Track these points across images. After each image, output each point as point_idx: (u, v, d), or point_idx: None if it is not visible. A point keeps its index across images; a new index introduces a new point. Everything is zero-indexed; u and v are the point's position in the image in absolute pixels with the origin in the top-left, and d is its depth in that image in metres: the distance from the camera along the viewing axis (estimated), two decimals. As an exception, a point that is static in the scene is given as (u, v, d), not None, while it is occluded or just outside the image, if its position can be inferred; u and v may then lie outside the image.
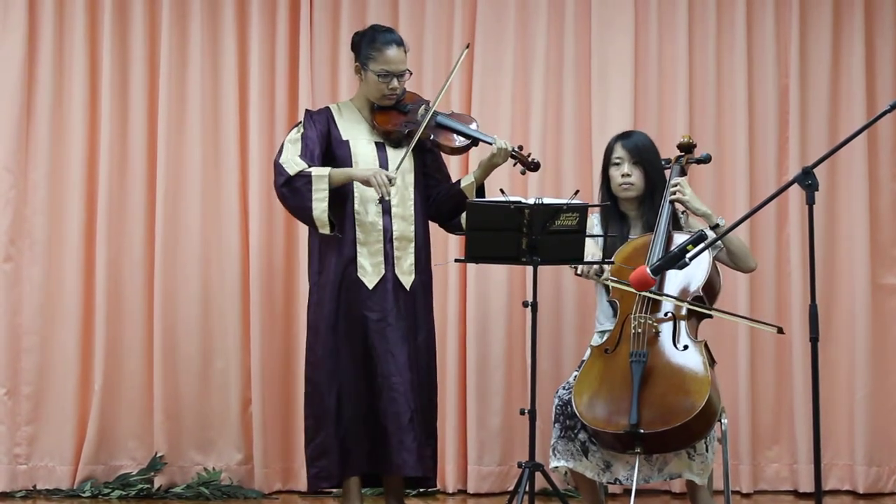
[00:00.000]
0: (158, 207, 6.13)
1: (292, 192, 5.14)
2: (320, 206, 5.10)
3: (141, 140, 6.18)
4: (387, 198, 5.05)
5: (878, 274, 6.28)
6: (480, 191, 5.38)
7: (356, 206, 5.21)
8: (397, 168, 5.16)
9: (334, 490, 5.59)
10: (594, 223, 5.26)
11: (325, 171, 5.12)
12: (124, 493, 6.04)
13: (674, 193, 5.13)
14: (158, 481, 6.09)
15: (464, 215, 5.31)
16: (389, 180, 5.03)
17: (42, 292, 6.10)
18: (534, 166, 5.30)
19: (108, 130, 6.12)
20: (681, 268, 4.24)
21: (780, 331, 4.90)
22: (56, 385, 6.10)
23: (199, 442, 6.16)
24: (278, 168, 5.20)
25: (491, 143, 5.27)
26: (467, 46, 5.46)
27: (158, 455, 6.09)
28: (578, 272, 5.04)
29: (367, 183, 5.09)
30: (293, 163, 5.17)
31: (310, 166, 5.14)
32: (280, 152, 5.24)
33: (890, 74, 6.34)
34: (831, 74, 6.33)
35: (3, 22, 6.11)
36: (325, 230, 5.15)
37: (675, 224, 5.17)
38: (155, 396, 6.10)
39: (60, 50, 6.16)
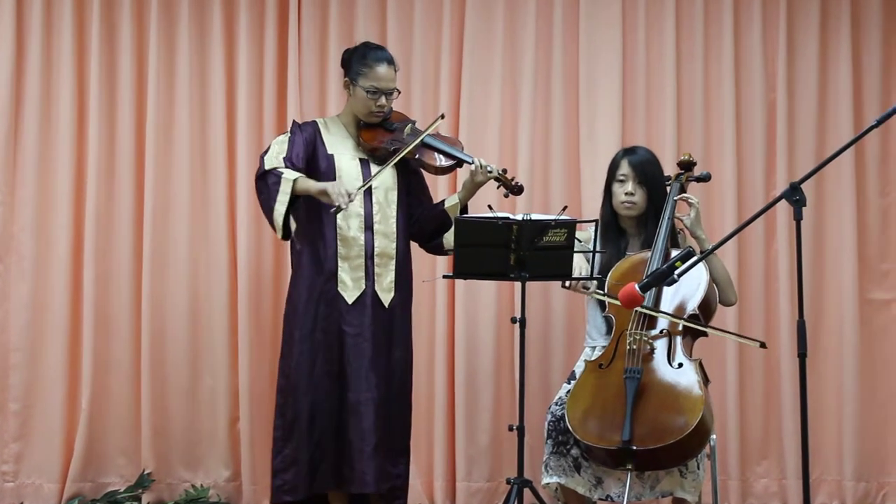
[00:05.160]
0: (146, 225, 6.12)
1: (263, 187, 5.18)
2: (280, 208, 5.11)
3: (129, 157, 6.17)
4: (343, 208, 4.98)
5: (866, 289, 6.30)
6: (464, 211, 5.38)
7: (338, 220, 5.21)
8: (362, 186, 5.14)
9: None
10: (590, 235, 5.25)
11: (294, 175, 5.13)
12: (112, 510, 6.04)
13: (690, 205, 5.16)
14: (146, 498, 6.07)
15: (445, 236, 5.34)
16: (349, 194, 5.01)
17: (30, 309, 6.08)
18: (517, 190, 5.30)
19: (96, 147, 6.12)
20: (669, 284, 4.22)
21: (763, 345, 4.92)
22: (43, 402, 6.08)
23: (187, 459, 6.14)
24: (260, 160, 5.25)
25: (471, 163, 5.27)
26: (441, 116, 5.44)
27: (146, 472, 6.07)
28: (566, 284, 5.05)
29: (324, 194, 5.05)
30: (273, 159, 5.21)
31: (287, 167, 5.17)
32: (267, 149, 5.28)
33: (877, 89, 6.35)
34: (818, 89, 6.34)
35: (-10, 39, 6.12)
36: (279, 234, 5.20)
37: (674, 242, 5.18)
38: (143, 413, 6.08)
39: (48, 67, 6.15)
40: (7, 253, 6.10)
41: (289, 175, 5.12)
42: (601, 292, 5.03)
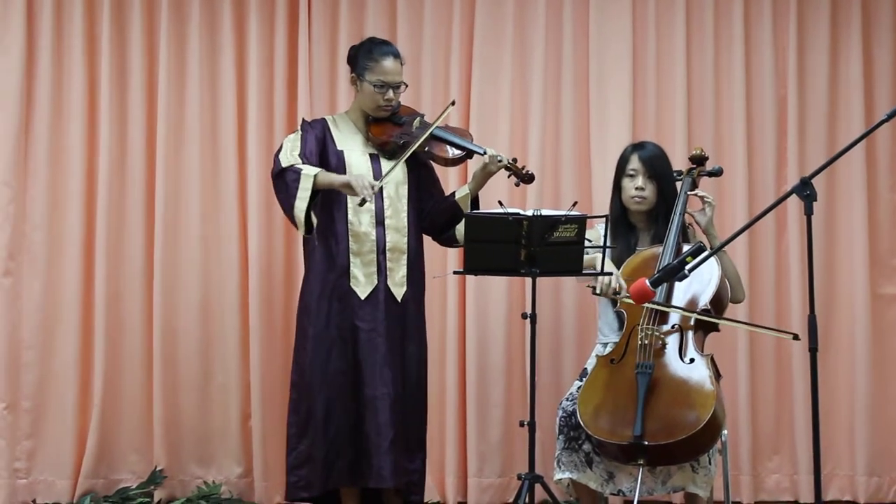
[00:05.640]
0: (157, 222, 6.12)
1: (282, 184, 5.18)
2: (301, 204, 5.11)
3: (139, 154, 6.18)
4: (368, 200, 5.01)
5: (877, 283, 6.28)
6: (475, 202, 5.39)
7: (350, 216, 5.22)
8: (383, 178, 5.16)
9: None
10: (599, 234, 5.24)
11: (314, 171, 5.13)
12: (124, 506, 6.06)
13: (706, 204, 5.15)
14: (158, 495, 6.08)
15: (457, 228, 5.34)
16: (372, 186, 5.02)
17: (42, 307, 6.09)
18: (528, 178, 5.30)
19: (107, 146, 6.12)
20: (680, 280, 4.22)
21: (796, 337, 4.89)
22: (56, 399, 6.09)
23: (199, 455, 6.15)
24: (275, 160, 5.25)
25: (482, 154, 5.27)
26: (452, 103, 5.43)
27: (158, 469, 6.07)
28: (598, 291, 5.02)
29: (347, 186, 5.07)
30: (289, 156, 5.21)
31: (304, 163, 5.17)
32: (280, 148, 5.29)
33: (888, 84, 6.34)
34: (829, 84, 6.33)
35: (0, 36, 6.11)
36: (301, 230, 5.19)
37: (684, 237, 5.17)
38: (155, 410, 6.09)
39: (59, 65, 6.15)
40: (19, 251, 6.10)
41: (308, 171, 5.13)
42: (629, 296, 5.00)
